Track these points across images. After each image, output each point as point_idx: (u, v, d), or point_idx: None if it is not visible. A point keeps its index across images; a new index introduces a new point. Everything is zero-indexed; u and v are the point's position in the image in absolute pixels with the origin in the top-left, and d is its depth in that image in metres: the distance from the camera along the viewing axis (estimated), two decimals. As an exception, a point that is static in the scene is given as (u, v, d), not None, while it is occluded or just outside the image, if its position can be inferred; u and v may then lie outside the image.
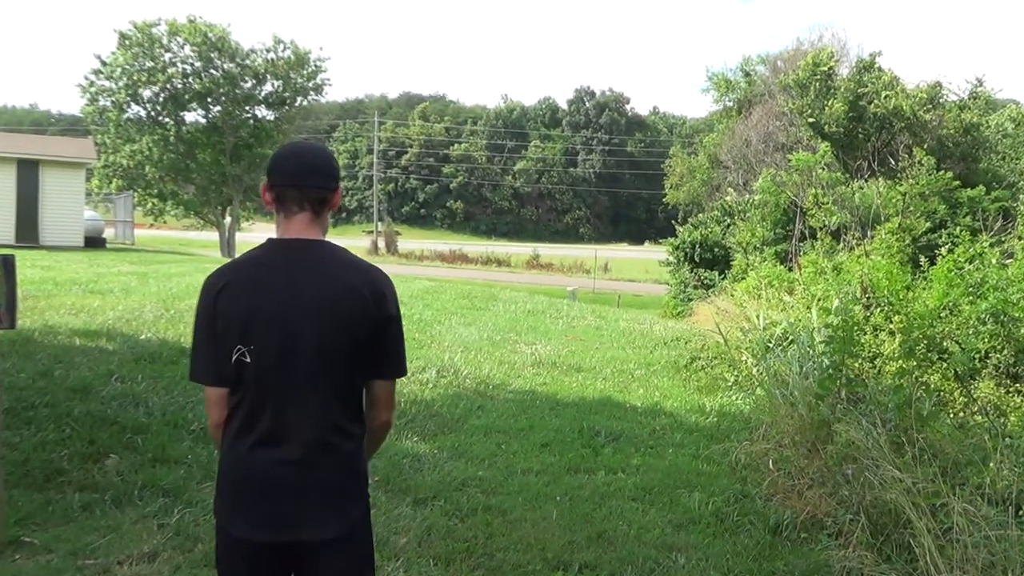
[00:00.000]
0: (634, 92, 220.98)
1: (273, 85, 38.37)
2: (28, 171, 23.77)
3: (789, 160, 19.84)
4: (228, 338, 2.24)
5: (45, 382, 6.66)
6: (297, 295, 2.26)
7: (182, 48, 36.14)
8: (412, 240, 67.78)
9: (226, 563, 2.35)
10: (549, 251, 54.94)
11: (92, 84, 35.81)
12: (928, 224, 15.50)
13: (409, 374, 8.77)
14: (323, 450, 2.30)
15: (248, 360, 2.23)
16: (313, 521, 2.29)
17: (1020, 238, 13.21)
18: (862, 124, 22.38)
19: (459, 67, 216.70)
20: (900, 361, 7.71)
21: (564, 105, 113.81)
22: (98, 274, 15.51)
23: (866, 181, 17.95)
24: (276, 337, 2.24)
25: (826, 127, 22.25)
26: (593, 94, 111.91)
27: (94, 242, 25.86)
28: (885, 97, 21.75)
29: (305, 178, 2.36)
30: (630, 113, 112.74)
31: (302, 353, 2.27)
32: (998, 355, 8.06)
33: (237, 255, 2.36)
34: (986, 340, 8.14)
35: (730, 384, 9.29)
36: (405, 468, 5.85)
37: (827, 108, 22.30)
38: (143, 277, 15.52)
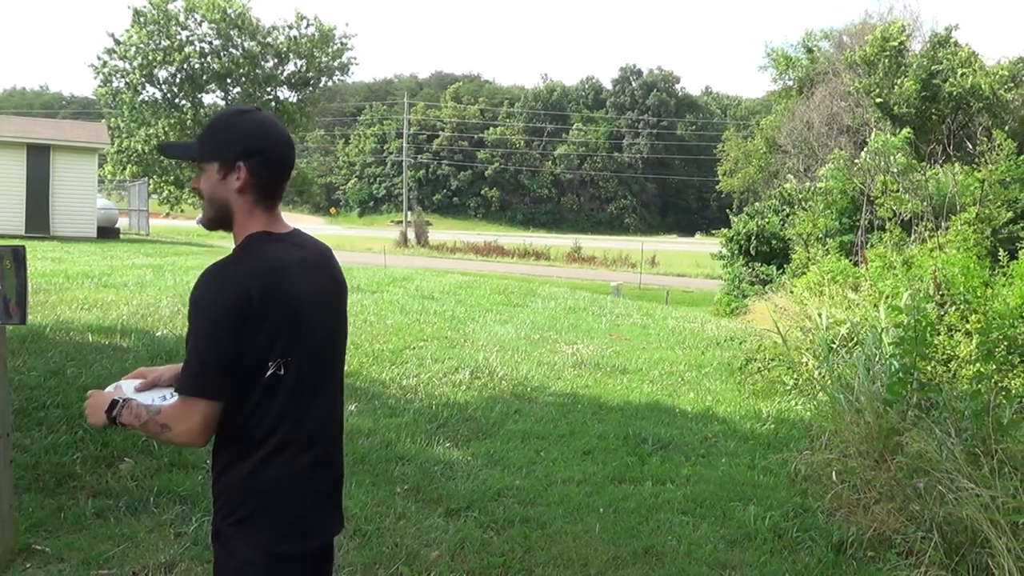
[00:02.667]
0: (684, 71, 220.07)
1: (296, 64, 38.82)
2: (38, 157, 24.20)
3: (861, 144, 19.61)
4: (264, 351, 2.14)
5: (57, 381, 6.78)
6: (324, 296, 2.32)
7: (200, 25, 36.67)
8: (444, 231, 68.06)
9: None
10: (592, 243, 54.82)
11: (105, 64, 36.45)
12: (1009, 214, 15.22)
13: (441, 375, 8.83)
14: (338, 445, 2.44)
15: (283, 372, 2.18)
16: (337, 517, 2.45)
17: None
18: (936, 104, 22.07)
19: (494, 44, 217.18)
20: (977, 364, 7.59)
21: (608, 85, 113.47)
22: (112, 267, 15.78)
23: (941, 166, 17.69)
24: (313, 344, 2.26)
25: (896, 108, 21.96)
26: (640, 73, 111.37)
27: (107, 232, 26.30)
28: (962, 75, 21.41)
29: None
30: (680, 93, 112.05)
31: (332, 356, 2.37)
32: (1087, 358, 7.90)
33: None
34: (1074, 342, 7.98)
35: (789, 388, 9.21)
36: (437, 476, 5.88)
37: (897, 87, 22.00)
38: (159, 270, 15.76)
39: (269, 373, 2.15)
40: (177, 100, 36.98)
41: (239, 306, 2.10)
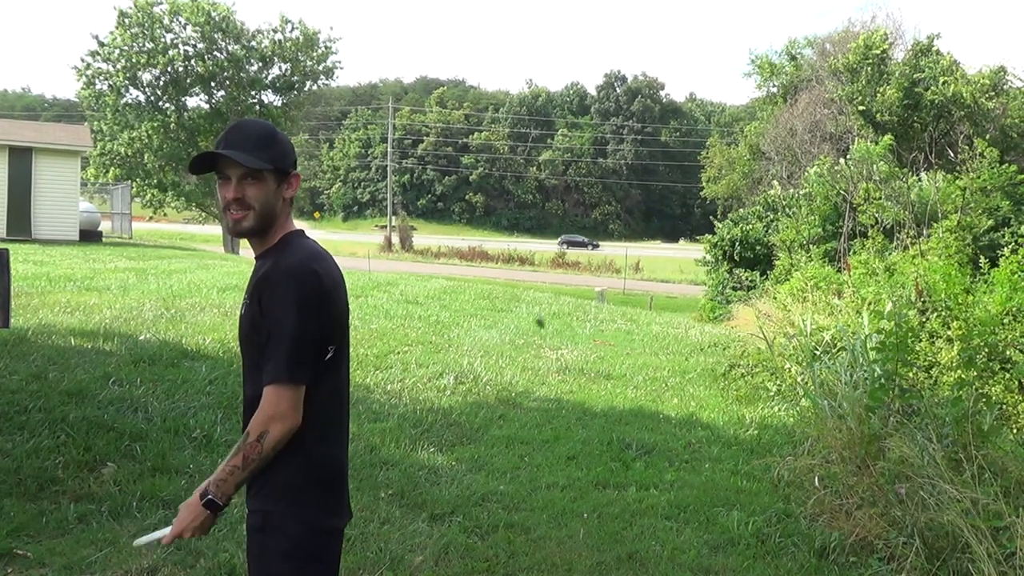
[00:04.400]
0: (669, 77, 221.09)
1: (280, 68, 38.67)
2: (20, 159, 24.02)
3: (844, 152, 19.73)
4: (327, 334, 2.37)
5: (39, 385, 6.74)
6: (344, 287, 2.59)
7: (184, 28, 36.47)
8: (428, 236, 68.07)
9: (318, 559, 2.42)
10: (576, 249, 54.87)
11: (89, 66, 36.18)
12: (990, 222, 15.34)
13: (425, 380, 8.82)
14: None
15: (331, 356, 2.40)
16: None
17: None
18: (918, 112, 22.26)
19: (479, 49, 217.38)
20: (959, 371, 7.64)
21: (593, 91, 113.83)
22: (94, 270, 15.68)
23: (924, 173, 17.82)
24: (347, 330, 2.55)
25: (878, 115, 22.14)
26: (624, 79, 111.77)
27: (89, 236, 26.10)
28: (943, 83, 21.59)
29: None
30: (664, 100, 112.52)
31: (349, 345, 2.61)
32: (1067, 365, 7.95)
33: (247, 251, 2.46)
34: (1054, 348, 8.04)
35: (772, 394, 9.24)
36: (421, 481, 5.88)
37: (879, 95, 22.18)
38: (142, 273, 15.68)
39: (328, 356, 2.38)
40: (161, 103, 36.75)
41: (317, 290, 2.32)
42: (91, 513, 4.83)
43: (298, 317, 2.27)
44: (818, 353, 8.36)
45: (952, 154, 21.30)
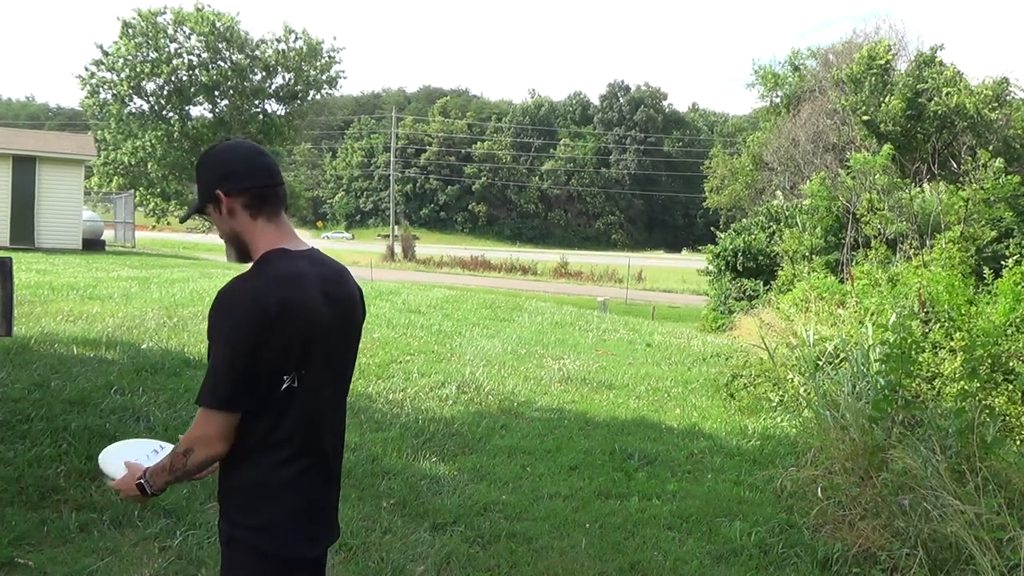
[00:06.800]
0: (672, 87, 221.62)
1: (284, 78, 38.81)
2: (24, 168, 24.09)
3: (846, 162, 19.75)
4: (280, 363, 2.21)
5: (41, 393, 6.74)
6: (340, 311, 2.41)
7: (188, 38, 36.65)
8: (431, 245, 68.10)
9: None
10: (578, 258, 54.92)
11: (93, 75, 36.35)
12: (994, 233, 15.34)
13: (427, 389, 8.82)
14: (339, 459, 2.55)
15: (296, 384, 2.25)
16: (335, 525, 2.56)
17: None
18: (921, 123, 22.28)
19: (482, 59, 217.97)
20: (962, 382, 7.63)
21: (596, 101, 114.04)
22: (97, 279, 15.70)
23: (927, 184, 17.81)
24: (326, 359, 2.35)
25: (882, 126, 22.15)
26: (627, 89, 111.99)
27: (93, 244, 26.17)
28: (946, 94, 21.62)
29: (279, 175, 2.45)
30: (667, 110, 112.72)
31: (339, 371, 2.48)
32: (1070, 376, 7.94)
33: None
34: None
35: (775, 405, 9.23)
36: (423, 490, 5.87)
37: (883, 105, 22.20)
38: (144, 282, 15.69)
39: (285, 386, 2.23)
40: (165, 112, 36.89)
41: (255, 319, 2.15)
42: (93, 522, 4.82)
43: (226, 344, 2.16)
44: (821, 364, 8.34)
45: (955, 165, 21.31)
